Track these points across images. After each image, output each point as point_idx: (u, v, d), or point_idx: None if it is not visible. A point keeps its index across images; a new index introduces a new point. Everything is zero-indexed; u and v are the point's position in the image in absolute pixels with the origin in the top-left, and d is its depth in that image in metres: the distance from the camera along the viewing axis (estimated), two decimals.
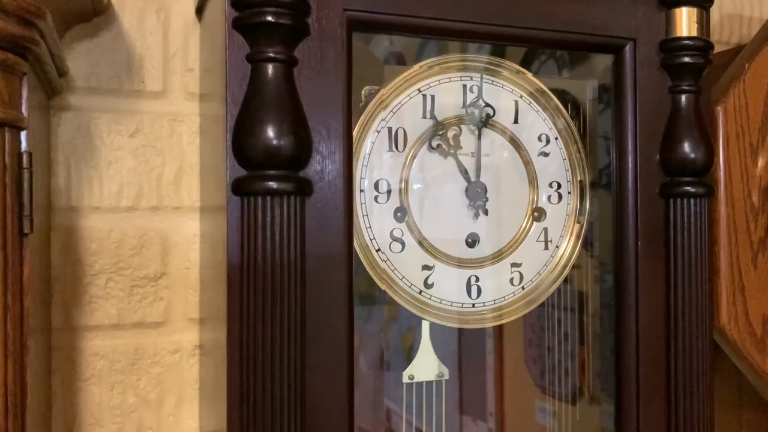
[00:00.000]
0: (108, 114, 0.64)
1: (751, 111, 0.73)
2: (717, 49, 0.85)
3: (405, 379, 0.62)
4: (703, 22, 0.61)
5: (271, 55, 0.48)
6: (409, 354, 0.62)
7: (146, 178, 0.65)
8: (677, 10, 0.61)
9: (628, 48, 0.60)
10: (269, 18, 0.48)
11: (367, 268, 0.56)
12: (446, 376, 0.63)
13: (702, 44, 0.61)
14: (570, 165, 0.63)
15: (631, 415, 0.60)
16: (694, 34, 0.61)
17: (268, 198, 0.48)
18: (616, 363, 0.61)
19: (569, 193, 0.63)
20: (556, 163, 0.63)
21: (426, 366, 0.62)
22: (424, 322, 0.61)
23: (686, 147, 0.61)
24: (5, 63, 0.44)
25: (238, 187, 0.48)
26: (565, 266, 0.62)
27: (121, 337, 0.65)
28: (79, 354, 0.63)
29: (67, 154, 0.63)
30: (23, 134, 0.47)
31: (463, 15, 0.55)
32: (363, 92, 0.59)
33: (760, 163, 0.74)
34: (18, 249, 0.46)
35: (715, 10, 0.88)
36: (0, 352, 0.44)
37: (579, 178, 0.63)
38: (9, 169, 0.45)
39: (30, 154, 0.47)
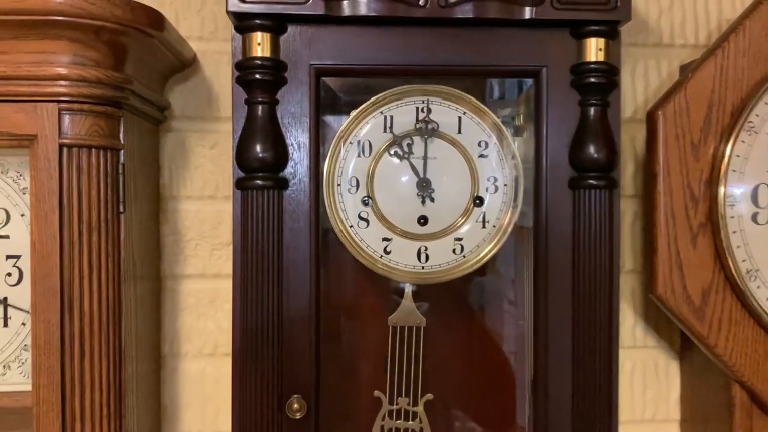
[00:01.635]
0: (196, 133, 0.95)
1: (692, 114, 0.86)
2: None
3: (390, 324, 0.85)
4: (608, 49, 0.77)
5: (260, 99, 0.75)
6: None
7: (221, 177, 0.95)
8: (587, 40, 0.77)
9: (543, 72, 0.78)
10: (257, 76, 0.74)
11: (341, 238, 0.81)
12: (423, 322, 0.85)
13: (606, 67, 0.77)
14: (506, 164, 0.82)
15: (540, 362, 0.79)
16: (601, 59, 0.77)
17: (257, 191, 0.74)
18: (534, 326, 0.80)
19: (505, 185, 0.82)
20: (493, 163, 0.82)
21: (406, 314, 0.85)
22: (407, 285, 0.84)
23: (591, 149, 0.77)
24: (106, 113, 0.75)
25: (239, 184, 0.75)
26: (499, 240, 0.82)
27: (205, 283, 0.95)
28: (178, 294, 0.95)
29: (170, 161, 0.95)
30: (121, 153, 0.78)
31: (406, 59, 0.77)
32: (353, 113, 0.83)
33: (702, 158, 0.86)
34: (117, 221, 0.77)
35: (713, 17, 1.00)
36: (104, 282, 0.75)
37: (515, 174, 0.82)
38: (110, 175, 0.76)
39: (123, 165, 0.78)
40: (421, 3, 0.75)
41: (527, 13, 0.75)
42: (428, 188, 0.81)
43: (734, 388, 0.88)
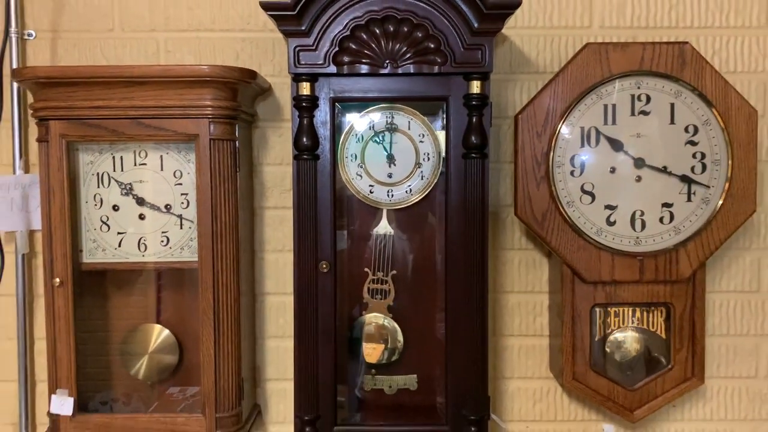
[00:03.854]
0: (270, 128, 1.72)
1: (537, 116, 1.57)
2: None
3: (373, 233, 1.61)
4: (483, 86, 1.48)
5: (305, 115, 1.50)
6: None
7: (285, 152, 1.72)
8: (471, 82, 1.48)
9: (450, 98, 1.50)
10: (303, 104, 1.49)
11: (348, 187, 1.56)
12: (392, 233, 1.61)
13: (482, 96, 1.48)
14: (435, 147, 1.55)
15: (450, 252, 1.53)
16: (479, 92, 1.48)
17: (303, 161, 1.50)
18: (445, 230, 1.54)
19: (433, 157, 1.56)
20: (428, 145, 1.55)
21: (382, 228, 1.61)
22: (383, 210, 1.59)
23: (473, 138, 1.49)
24: (229, 122, 1.52)
25: (295, 157, 1.51)
26: (428, 186, 1.56)
27: (277, 211, 1.73)
28: (263, 217, 1.73)
29: (257, 144, 1.72)
30: (236, 142, 1.55)
31: (378, 93, 1.51)
32: (354, 120, 1.57)
33: (543, 140, 1.58)
34: (235, 175, 1.54)
35: (570, 55, 1.70)
36: (230, 206, 1.52)
37: (438, 151, 1.56)
38: (232, 153, 1.53)
39: (238, 148, 1.55)
40: (385, 65, 1.48)
41: (437, 69, 1.48)
42: (393, 159, 1.56)
43: (563, 267, 1.61)
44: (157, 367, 1.65)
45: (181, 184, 1.58)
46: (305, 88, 1.49)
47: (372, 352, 1.61)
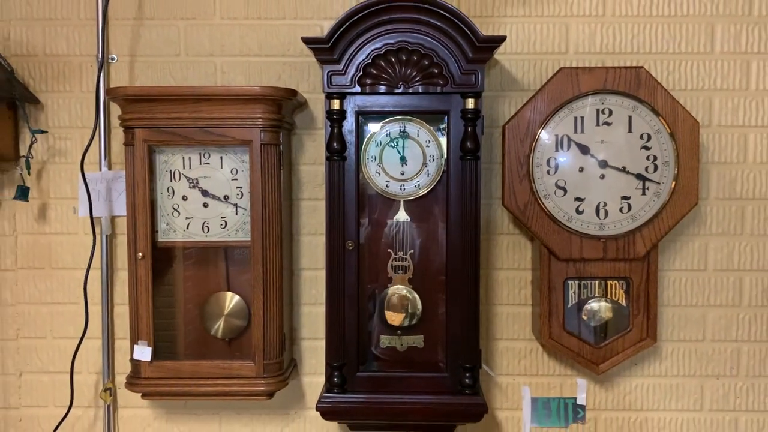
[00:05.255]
0: (306, 135, 2.13)
1: (521, 126, 1.96)
2: None
3: (393, 221, 2.01)
4: (476, 102, 1.88)
5: (335, 125, 1.90)
6: None
7: (317, 154, 2.12)
8: (467, 99, 1.88)
9: (450, 112, 1.90)
10: (334, 117, 1.89)
11: (369, 183, 1.96)
12: (408, 219, 2.01)
13: (475, 110, 1.88)
14: (438, 150, 1.95)
15: (451, 233, 1.93)
16: (473, 107, 1.88)
17: (334, 162, 1.91)
18: (446, 216, 1.93)
19: (438, 159, 1.95)
20: (434, 149, 1.95)
21: (401, 217, 2.01)
22: (401, 201, 1.99)
23: (468, 144, 1.89)
24: (275, 131, 1.92)
25: (327, 158, 1.91)
26: (433, 182, 1.95)
27: (311, 202, 2.13)
28: (300, 207, 2.14)
29: (295, 147, 2.13)
30: (281, 146, 1.95)
31: (394, 107, 1.91)
32: (374, 128, 1.98)
33: (525, 145, 1.97)
34: (278, 173, 1.95)
35: (550, 76, 2.09)
36: (275, 197, 1.93)
37: (441, 153, 1.95)
38: (276, 154, 1.93)
39: (282, 151, 1.95)
40: (399, 86, 1.88)
41: (440, 89, 1.87)
42: (405, 161, 1.96)
43: (541, 247, 2.00)
44: (231, 327, 2.05)
45: (236, 179, 1.99)
46: (335, 104, 1.89)
47: (395, 317, 1.99)
